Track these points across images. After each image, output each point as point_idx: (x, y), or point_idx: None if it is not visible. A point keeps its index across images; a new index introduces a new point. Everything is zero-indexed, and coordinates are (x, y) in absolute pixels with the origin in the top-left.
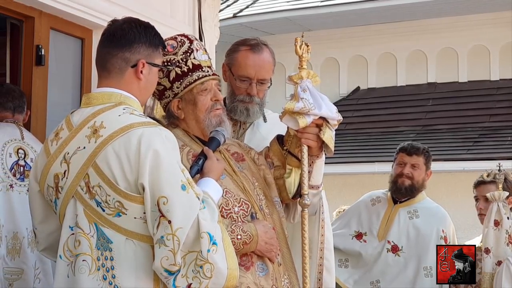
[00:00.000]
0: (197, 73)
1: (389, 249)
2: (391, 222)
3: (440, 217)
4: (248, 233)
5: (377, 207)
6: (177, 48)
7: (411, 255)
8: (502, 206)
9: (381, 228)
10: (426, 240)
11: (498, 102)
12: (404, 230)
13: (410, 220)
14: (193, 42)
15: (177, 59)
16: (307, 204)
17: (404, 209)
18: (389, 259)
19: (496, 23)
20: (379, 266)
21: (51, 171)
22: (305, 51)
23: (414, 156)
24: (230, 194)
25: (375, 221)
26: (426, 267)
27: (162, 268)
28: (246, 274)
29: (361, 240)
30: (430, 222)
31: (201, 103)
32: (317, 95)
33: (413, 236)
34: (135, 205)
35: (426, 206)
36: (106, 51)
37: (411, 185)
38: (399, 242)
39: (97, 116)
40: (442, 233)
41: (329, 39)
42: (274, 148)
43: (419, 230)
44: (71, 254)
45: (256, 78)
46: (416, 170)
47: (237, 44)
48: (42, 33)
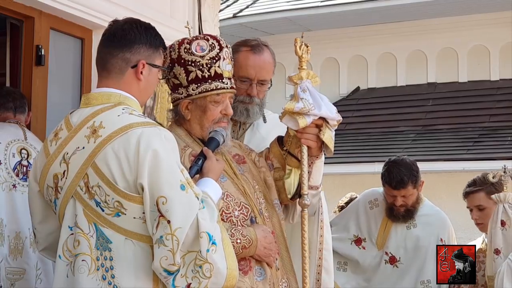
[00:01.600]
0: (216, 82)
1: (387, 260)
2: (388, 230)
3: (438, 225)
4: (247, 237)
5: (375, 212)
6: (206, 52)
7: (409, 267)
8: (508, 207)
9: (379, 236)
10: (424, 251)
11: (498, 102)
12: (401, 241)
13: (408, 230)
14: (222, 50)
15: (202, 63)
16: (307, 204)
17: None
18: (387, 270)
19: (496, 23)
20: (378, 277)
21: (51, 171)
22: (305, 52)
23: (401, 190)
24: (231, 197)
25: (374, 228)
26: (423, 281)
27: (161, 268)
28: (244, 278)
29: (360, 247)
30: (428, 232)
31: (210, 113)
32: (317, 96)
33: (411, 248)
34: (134, 205)
35: (424, 214)
36: (107, 51)
37: (407, 210)
38: (397, 253)
39: (96, 116)
40: (440, 242)
41: (329, 39)
42: (274, 149)
43: (417, 241)
44: (70, 254)
45: (257, 79)
46: (409, 198)
47: (237, 45)
48: (42, 33)
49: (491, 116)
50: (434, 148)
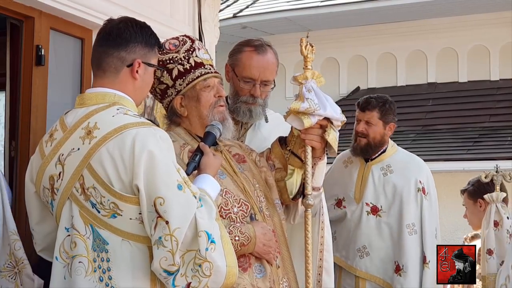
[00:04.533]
0: (200, 70)
1: (369, 211)
2: (365, 182)
3: (415, 168)
4: (246, 234)
5: (350, 168)
6: (179, 47)
7: (392, 214)
8: (500, 207)
9: (356, 190)
10: (404, 196)
11: (498, 102)
12: (380, 189)
13: (384, 177)
14: (194, 42)
15: (180, 57)
16: (310, 204)
17: (377, 166)
18: (371, 222)
19: (496, 23)
20: (362, 230)
21: (46, 173)
22: (310, 52)
23: (367, 112)
24: (230, 194)
25: (350, 184)
26: (408, 225)
27: (161, 269)
28: (243, 275)
29: (341, 207)
30: (405, 176)
31: (205, 99)
32: (322, 96)
33: (390, 194)
34: (130, 206)
35: (399, 159)
36: (102, 50)
37: (367, 143)
38: (377, 202)
39: (91, 117)
40: (419, 184)
41: (329, 39)
42: (276, 150)
43: (395, 186)
44: (67, 256)
45: (260, 80)
46: (371, 127)
47: (240, 45)
48: (42, 33)
49: (491, 116)
50: (434, 148)
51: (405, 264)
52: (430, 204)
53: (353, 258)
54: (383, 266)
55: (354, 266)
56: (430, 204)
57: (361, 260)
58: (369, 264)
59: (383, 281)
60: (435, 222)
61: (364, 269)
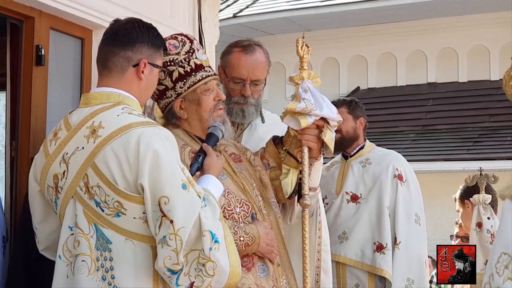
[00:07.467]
0: (200, 73)
1: (349, 199)
2: (345, 176)
3: (391, 158)
4: (250, 234)
5: (332, 170)
6: (180, 48)
7: (371, 198)
8: (482, 208)
9: (338, 184)
10: (382, 181)
11: (498, 102)
12: (360, 179)
13: (363, 168)
14: (193, 42)
15: (180, 59)
16: (307, 204)
17: (356, 160)
18: (350, 208)
19: (496, 23)
20: (342, 217)
21: (51, 171)
22: (306, 52)
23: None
24: (232, 194)
25: (331, 182)
26: (388, 207)
27: (165, 268)
28: (247, 275)
29: (325, 205)
30: (383, 164)
31: (205, 103)
32: (318, 96)
33: (369, 182)
34: (135, 205)
35: (377, 154)
36: (108, 49)
37: (341, 137)
38: (357, 191)
39: (95, 116)
40: (396, 171)
41: (329, 39)
42: (270, 149)
43: (373, 174)
44: (70, 255)
45: (249, 79)
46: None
47: (230, 46)
48: (42, 33)
49: (491, 116)
50: (434, 148)
51: (388, 242)
52: (409, 191)
53: (334, 245)
54: (361, 248)
55: (333, 252)
56: (408, 191)
57: (340, 245)
58: (347, 247)
59: (361, 264)
60: (416, 208)
61: (343, 254)
